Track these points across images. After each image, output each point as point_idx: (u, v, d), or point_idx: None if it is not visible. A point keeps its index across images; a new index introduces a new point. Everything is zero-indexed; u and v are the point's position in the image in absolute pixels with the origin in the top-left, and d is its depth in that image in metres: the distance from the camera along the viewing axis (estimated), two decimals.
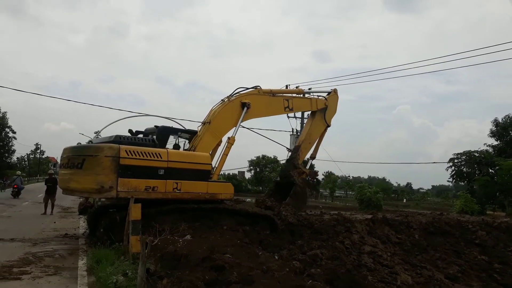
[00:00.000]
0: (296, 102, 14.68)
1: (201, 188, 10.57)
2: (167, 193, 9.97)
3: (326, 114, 15.68)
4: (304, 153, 15.51)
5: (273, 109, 14.08)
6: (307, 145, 15.40)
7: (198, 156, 11.02)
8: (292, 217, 13.36)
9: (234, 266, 6.44)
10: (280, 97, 14.18)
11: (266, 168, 76.48)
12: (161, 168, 9.85)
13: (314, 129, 15.58)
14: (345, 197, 74.60)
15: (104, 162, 9.22)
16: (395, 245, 12.20)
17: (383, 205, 34.38)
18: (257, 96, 13.25)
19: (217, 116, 12.24)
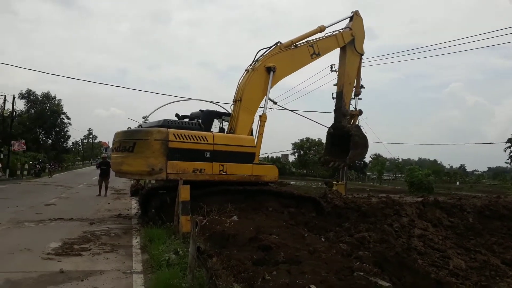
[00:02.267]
0: (321, 44, 13.11)
1: (246, 171, 10.70)
2: (213, 175, 10.22)
3: (356, 44, 13.98)
4: (349, 96, 14.08)
5: (298, 62, 12.76)
6: (348, 87, 13.88)
7: (243, 139, 11.12)
8: (339, 200, 13.25)
9: (281, 247, 6.49)
10: (304, 45, 12.66)
11: (310, 150, 75.99)
12: (208, 151, 10.12)
13: (350, 66, 13.96)
14: (394, 180, 72.68)
15: (154, 146, 9.56)
16: (447, 229, 11.75)
17: (434, 188, 33.10)
18: (279, 55, 12.11)
19: (245, 90, 11.51)
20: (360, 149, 13.11)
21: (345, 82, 13.69)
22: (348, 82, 13.82)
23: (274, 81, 11.89)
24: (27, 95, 47.00)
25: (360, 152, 13.31)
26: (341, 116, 13.47)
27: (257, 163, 11.15)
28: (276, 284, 4.51)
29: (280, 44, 12.19)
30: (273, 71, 11.69)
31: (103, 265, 6.38)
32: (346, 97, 13.79)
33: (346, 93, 13.73)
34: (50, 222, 10.48)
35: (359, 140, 13.02)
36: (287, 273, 5.06)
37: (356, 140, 12.90)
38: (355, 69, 14.28)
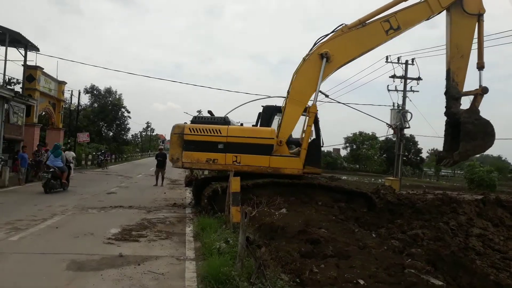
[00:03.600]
0: (403, 16, 10.77)
1: (263, 162, 10.68)
2: (226, 165, 10.82)
3: (465, 3, 10.64)
4: (461, 73, 10.71)
5: (367, 43, 10.97)
6: (460, 62, 10.64)
7: (260, 131, 11.20)
8: (392, 196, 12.88)
9: (330, 241, 6.50)
10: (375, 22, 10.85)
11: (363, 145, 74.02)
12: (221, 143, 10.89)
13: (460, 34, 10.72)
14: (453, 176, 68.93)
15: (173, 138, 11.34)
16: (509, 229, 11.02)
17: (497, 186, 31.03)
18: (338, 39, 10.92)
19: (296, 80, 11.19)
20: (476, 140, 10.07)
21: (454, 56, 10.62)
22: (460, 55, 10.59)
23: (330, 69, 10.95)
24: (91, 90, 50.11)
25: (475, 145, 10.13)
26: (451, 100, 10.60)
27: (276, 155, 10.78)
28: (324, 277, 4.56)
29: (344, 26, 10.95)
30: (326, 58, 10.78)
31: (158, 251, 6.75)
32: (457, 75, 10.61)
33: (456, 70, 10.62)
34: (111, 209, 11.21)
35: (473, 128, 10.01)
36: (335, 266, 5.09)
37: (468, 129, 10.04)
38: (469, 36, 10.81)
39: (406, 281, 4.54)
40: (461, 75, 10.62)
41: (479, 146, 10.18)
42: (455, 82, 10.55)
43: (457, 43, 10.70)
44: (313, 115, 11.00)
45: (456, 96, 10.53)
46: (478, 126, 10.10)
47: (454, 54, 10.64)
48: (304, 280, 4.53)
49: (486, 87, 10.45)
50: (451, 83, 10.56)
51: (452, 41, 10.69)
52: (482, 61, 10.74)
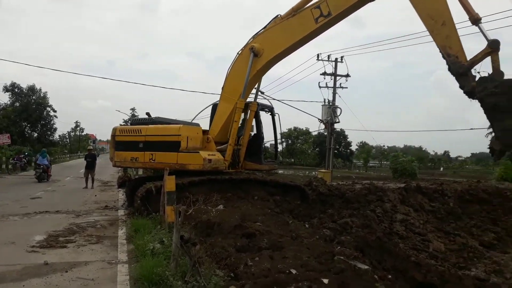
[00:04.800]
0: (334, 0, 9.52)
1: (172, 159, 10.66)
2: (145, 163, 11.24)
3: None
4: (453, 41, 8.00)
5: (295, 33, 10.12)
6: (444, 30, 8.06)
7: (168, 129, 11.22)
8: (323, 187, 13.44)
9: (265, 234, 6.65)
10: (305, 10, 9.97)
11: (298, 140, 76.47)
12: (141, 142, 11.24)
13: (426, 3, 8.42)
14: (380, 167, 73.61)
15: (111, 140, 12.28)
16: (428, 213, 12.06)
17: (418, 174, 33.73)
18: (268, 31, 10.47)
19: (228, 77, 11.15)
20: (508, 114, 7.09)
21: (434, 29, 8.24)
22: (439, 24, 8.16)
23: (260, 63, 10.54)
24: (12, 88, 46.15)
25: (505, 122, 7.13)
26: (459, 78, 7.91)
27: (184, 152, 10.52)
28: (258, 269, 4.66)
29: (279, 17, 10.43)
30: (254, 52, 10.41)
31: (88, 256, 6.44)
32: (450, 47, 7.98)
33: (445, 42, 8.06)
34: (36, 215, 10.46)
35: (497, 100, 7.14)
36: (269, 258, 5.22)
37: (491, 104, 7.22)
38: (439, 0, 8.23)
39: (335, 268, 4.79)
40: (454, 43, 8.03)
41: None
42: (452, 56, 7.97)
43: (428, 13, 8.38)
44: (240, 111, 11.08)
45: (461, 71, 7.76)
46: (503, 94, 7.11)
47: (433, 27, 8.33)
48: (239, 274, 4.60)
49: (494, 40, 7.51)
50: (449, 60, 8.02)
51: (422, 16, 8.43)
52: (474, 12, 8.02)
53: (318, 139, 72.11)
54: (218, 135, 11.43)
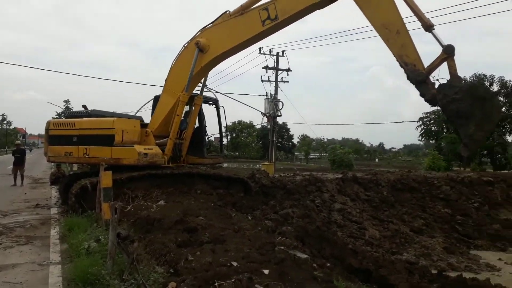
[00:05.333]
0: (282, 4, 9.20)
1: (106, 153, 10.36)
2: (79, 158, 10.86)
3: None
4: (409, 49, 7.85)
5: (242, 33, 9.84)
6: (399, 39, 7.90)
7: (102, 122, 10.86)
8: (266, 180, 13.63)
9: (207, 228, 6.59)
10: (254, 10, 9.62)
11: (242, 133, 76.88)
12: (74, 136, 10.83)
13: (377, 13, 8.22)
14: (320, 159, 76.24)
15: (45, 134, 11.68)
16: (364, 202, 12.70)
17: (354, 165, 35.39)
18: (216, 28, 10.15)
19: (171, 69, 10.86)
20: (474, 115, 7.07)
21: (389, 38, 8.07)
22: (394, 33, 8.00)
23: (205, 59, 10.23)
24: None
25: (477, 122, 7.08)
26: (419, 86, 7.81)
27: (118, 146, 10.20)
28: (199, 264, 4.60)
29: (229, 12, 10.09)
30: (199, 48, 10.09)
31: (16, 258, 6.00)
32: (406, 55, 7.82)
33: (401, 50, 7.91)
34: None
35: (459, 105, 7.11)
36: (211, 252, 5.18)
37: (454, 110, 7.22)
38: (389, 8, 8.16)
39: (276, 258, 4.86)
40: (410, 51, 7.88)
41: (484, 120, 7.06)
42: (409, 64, 7.82)
43: (381, 23, 8.22)
44: (183, 104, 10.73)
45: (420, 79, 7.66)
46: (463, 99, 7.09)
47: (388, 37, 8.16)
48: (179, 269, 4.52)
49: (449, 46, 7.52)
50: (407, 68, 7.90)
51: (376, 26, 8.31)
52: (426, 19, 8.02)
53: (262, 132, 73.01)
54: (159, 128, 11.09)
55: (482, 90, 7.19)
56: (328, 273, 5.47)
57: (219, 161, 13.43)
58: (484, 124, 7.00)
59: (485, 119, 6.96)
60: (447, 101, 7.15)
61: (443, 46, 7.51)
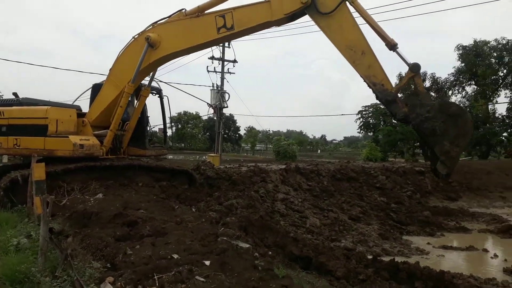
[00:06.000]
0: (240, 14, 8.93)
1: (39, 144, 9.89)
2: (9, 149, 10.22)
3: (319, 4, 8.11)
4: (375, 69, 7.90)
5: (196, 37, 9.48)
6: (365, 59, 7.90)
7: (35, 111, 10.30)
8: (211, 171, 13.59)
9: (148, 221, 6.46)
10: (211, 15, 9.27)
11: (188, 124, 75.71)
12: (3, 125, 10.18)
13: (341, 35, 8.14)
14: (265, 150, 77.28)
15: None
16: (305, 192, 13.12)
17: (298, 156, 36.30)
18: (171, 25, 9.78)
19: (117, 60, 10.43)
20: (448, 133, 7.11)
21: (355, 59, 8.04)
22: (359, 54, 7.99)
23: (155, 56, 9.85)
24: None
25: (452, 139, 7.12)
26: (389, 106, 7.84)
27: (51, 136, 9.78)
28: (138, 257, 4.50)
29: (184, 11, 9.73)
30: (149, 43, 9.67)
31: None
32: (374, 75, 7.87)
33: (368, 71, 7.91)
34: None
35: (432, 124, 7.13)
36: (151, 245, 5.08)
37: (429, 130, 7.21)
38: (352, 30, 8.15)
39: (218, 249, 4.88)
40: (377, 71, 7.91)
41: (459, 136, 7.10)
42: (378, 84, 7.82)
43: (346, 45, 8.14)
44: (128, 95, 10.35)
45: (390, 98, 7.67)
46: (436, 117, 7.16)
47: (354, 58, 8.09)
48: (117, 263, 4.39)
49: (415, 64, 7.60)
50: (375, 88, 7.88)
51: (341, 48, 8.20)
52: (390, 39, 8.06)
53: (208, 124, 72.47)
54: (98, 119, 10.60)
55: (454, 107, 7.22)
56: (269, 261, 5.57)
57: (162, 153, 13.09)
58: (459, 140, 7.03)
59: (459, 135, 7.01)
60: (420, 120, 7.17)
61: (409, 65, 7.58)
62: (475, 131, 34.19)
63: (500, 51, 36.94)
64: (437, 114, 7.04)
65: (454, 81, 39.25)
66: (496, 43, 37.10)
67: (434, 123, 7.05)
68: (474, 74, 37.38)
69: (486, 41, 37.51)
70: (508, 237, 11.53)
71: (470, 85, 39.32)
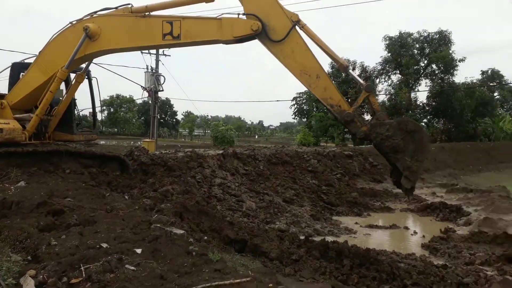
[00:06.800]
0: (188, 24, 8.57)
1: None
2: None
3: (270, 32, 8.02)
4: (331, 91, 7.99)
5: (140, 38, 9.04)
6: (321, 82, 7.99)
7: None
8: (145, 157, 13.20)
9: (75, 209, 6.15)
10: (158, 18, 8.81)
11: (121, 108, 72.50)
12: None
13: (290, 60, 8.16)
14: (204, 136, 76.71)
15: None
16: (242, 176, 13.27)
17: (236, 141, 36.53)
18: (115, 19, 9.20)
19: (49, 44, 9.70)
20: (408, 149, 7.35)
21: (311, 83, 8.08)
22: (314, 78, 8.03)
23: (93, 48, 9.20)
24: None
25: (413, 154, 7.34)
26: (348, 126, 7.96)
27: None
28: (64, 248, 4.27)
29: (130, 7, 9.15)
30: (87, 34, 8.97)
31: None
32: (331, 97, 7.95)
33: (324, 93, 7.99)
34: None
35: (393, 142, 7.39)
36: (78, 235, 4.85)
37: (390, 147, 7.43)
38: (304, 55, 8.17)
39: (150, 236, 4.79)
40: (333, 93, 8.00)
41: (418, 151, 7.34)
42: (335, 106, 7.94)
43: (301, 70, 8.13)
44: (60, 81, 9.58)
45: (349, 119, 7.78)
46: (394, 136, 7.40)
47: (309, 82, 8.12)
48: (40, 255, 4.13)
49: (368, 84, 7.97)
50: (333, 110, 8.00)
51: (296, 73, 8.18)
52: (342, 61, 8.40)
53: (143, 108, 70.13)
54: (20, 102, 9.78)
55: (410, 124, 7.47)
56: (204, 246, 5.59)
57: (92, 138, 12.42)
58: (418, 155, 7.29)
59: (417, 150, 7.28)
60: (381, 139, 7.44)
61: (362, 85, 7.80)
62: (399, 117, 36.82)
63: (422, 43, 39.82)
64: (396, 132, 7.30)
65: (381, 70, 41.70)
66: (419, 35, 39.94)
67: (394, 140, 7.31)
68: (399, 64, 39.94)
69: (409, 33, 40.19)
70: (426, 215, 12.64)
71: (395, 74, 42.05)
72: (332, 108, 7.93)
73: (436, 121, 43.17)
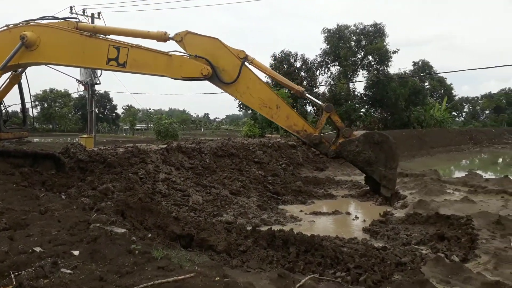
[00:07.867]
0: (136, 55, 8.10)
1: None
2: None
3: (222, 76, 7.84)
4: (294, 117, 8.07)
5: (84, 58, 8.37)
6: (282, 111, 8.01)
7: None
8: (83, 154, 12.53)
9: (5, 212, 5.69)
10: (105, 41, 8.24)
11: (55, 103, 68.31)
12: None
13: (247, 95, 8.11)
14: (147, 130, 74.43)
15: None
16: (188, 170, 13.05)
17: (180, 135, 35.86)
18: (55, 32, 8.36)
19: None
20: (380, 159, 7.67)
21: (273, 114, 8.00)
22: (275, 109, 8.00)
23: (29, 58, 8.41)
24: None
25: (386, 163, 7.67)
26: (318, 147, 8.04)
27: None
28: None
29: (77, 22, 8.58)
30: (25, 43, 8.19)
31: None
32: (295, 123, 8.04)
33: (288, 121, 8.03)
34: None
35: (365, 156, 7.68)
36: (8, 240, 4.50)
37: (364, 161, 7.69)
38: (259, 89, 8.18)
39: (89, 237, 4.55)
40: (296, 120, 8.10)
41: (389, 159, 7.66)
42: (301, 131, 8.04)
43: (260, 104, 8.08)
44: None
45: (317, 141, 7.93)
46: (364, 150, 7.70)
47: (271, 114, 8.12)
48: None
49: (328, 105, 8.01)
50: (300, 135, 8.10)
51: (256, 107, 8.15)
52: (297, 87, 8.55)
53: (80, 102, 66.56)
54: None
55: (376, 136, 7.79)
56: (148, 243, 5.43)
57: (22, 135, 11.53)
58: (390, 163, 7.59)
59: (388, 158, 7.59)
60: (353, 156, 7.67)
61: (322, 106, 7.93)
62: (339, 107, 38.19)
63: (358, 35, 41.46)
64: (365, 146, 7.59)
65: (321, 62, 42.90)
66: (355, 28, 41.53)
67: (365, 154, 7.60)
68: (338, 56, 41.32)
69: (347, 26, 41.66)
70: (366, 200, 13.25)
71: (334, 65, 43.49)
72: (298, 134, 8.00)
73: (374, 110, 45.34)
